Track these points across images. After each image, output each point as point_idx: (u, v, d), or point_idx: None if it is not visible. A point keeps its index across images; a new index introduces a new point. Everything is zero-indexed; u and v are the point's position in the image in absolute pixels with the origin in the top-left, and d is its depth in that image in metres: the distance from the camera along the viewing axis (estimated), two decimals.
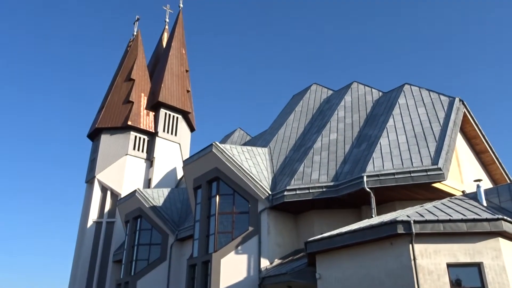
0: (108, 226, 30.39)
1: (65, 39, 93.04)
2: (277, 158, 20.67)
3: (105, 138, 32.93)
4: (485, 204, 13.12)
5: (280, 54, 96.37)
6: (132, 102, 33.83)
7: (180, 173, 33.30)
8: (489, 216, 11.43)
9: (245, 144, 28.74)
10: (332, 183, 16.65)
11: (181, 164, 32.89)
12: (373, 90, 22.28)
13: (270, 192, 17.83)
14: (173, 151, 34.03)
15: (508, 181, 18.88)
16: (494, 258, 10.96)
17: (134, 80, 35.18)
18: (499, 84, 77.29)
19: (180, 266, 22.32)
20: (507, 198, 13.31)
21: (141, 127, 33.09)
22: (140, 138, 33.25)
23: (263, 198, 17.78)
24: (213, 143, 19.16)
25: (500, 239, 11.21)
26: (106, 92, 36.40)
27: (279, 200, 17.30)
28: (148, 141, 33.59)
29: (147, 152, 33.16)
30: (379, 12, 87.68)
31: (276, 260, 17.05)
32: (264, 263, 16.83)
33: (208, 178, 19.52)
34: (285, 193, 17.11)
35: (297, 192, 17.01)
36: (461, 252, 11.05)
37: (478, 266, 10.94)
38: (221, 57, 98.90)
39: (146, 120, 33.78)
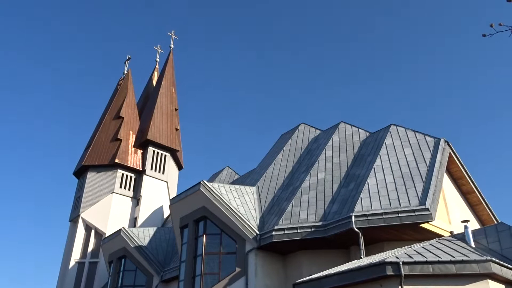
0: (91, 266, 29.48)
1: (55, 76, 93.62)
2: (265, 197, 20.56)
3: (91, 176, 32.54)
4: (473, 245, 13.11)
5: (269, 93, 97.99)
6: (120, 140, 33.74)
7: (166, 212, 32.82)
8: (478, 257, 11.40)
9: (233, 182, 28.60)
10: (320, 223, 16.53)
11: (168, 203, 32.46)
12: (360, 130, 22.61)
13: (258, 232, 17.61)
14: (160, 189, 33.69)
15: (495, 222, 18.94)
16: None
17: (123, 118, 35.26)
18: (485, 124, 79.17)
19: None
20: (495, 239, 13.33)
21: (129, 165, 32.85)
22: (127, 176, 32.94)
23: (251, 238, 17.53)
24: (201, 182, 19.04)
25: (489, 281, 11.12)
26: (94, 130, 36.33)
27: (267, 240, 17.07)
28: (135, 179, 33.27)
29: (133, 190, 32.76)
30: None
31: None
32: None
33: (195, 217, 19.26)
34: (273, 233, 16.91)
35: (285, 232, 16.82)
36: None
37: None
38: (211, 96, 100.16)
39: (133, 158, 33.60)
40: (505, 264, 11.57)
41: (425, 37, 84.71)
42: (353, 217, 15.46)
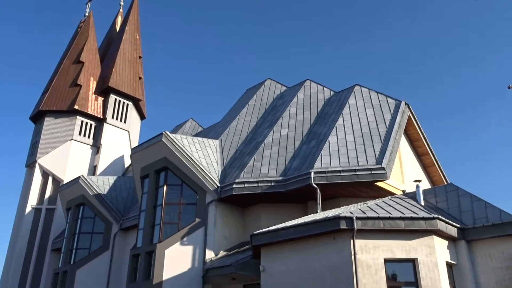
0: (48, 213, 29.08)
1: (10, 16, 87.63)
2: (228, 151, 20.66)
3: (49, 122, 31.43)
4: (423, 203, 13.82)
5: (237, 47, 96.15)
6: (80, 86, 32.50)
7: (127, 162, 32.46)
8: (426, 215, 12.06)
9: (196, 135, 28.47)
10: (280, 178, 16.88)
11: (129, 152, 32.04)
12: (325, 89, 22.78)
13: (219, 184, 17.81)
14: (122, 138, 33.10)
15: (445, 183, 19.97)
16: (428, 255, 11.58)
17: (83, 62, 33.79)
18: (442, 87, 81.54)
19: (122, 256, 21.80)
20: (443, 198, 14.09)
21: (89, 112, 31.88)
22: (87, 123, 32.03)
23: (212, 190, 17.73)
24: (163, 132, 18.83)
25: (435, 237, 11.86)
26: (52, 74, 34.69)
27: (228, 192, 17.33)
28: (95, 127, 32.42)
29: (93, 138, 32.01)
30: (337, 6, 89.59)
31: (221, 252, 17.09)
32: (209, 254, 16.82)
33: (156, 167, 19.18)
34: (234, 185, 17.16)
35: (246, 185, 17.11)
36: (398, 248, 11.59)
37: (413, 262, 11.52)
38: (176, 46, 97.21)
39: (94, 105, 32.58)
40: (450, 222, 12.33)
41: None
42: (312, 173, 15.88)
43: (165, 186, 18.57)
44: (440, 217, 11.96)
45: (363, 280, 11.11)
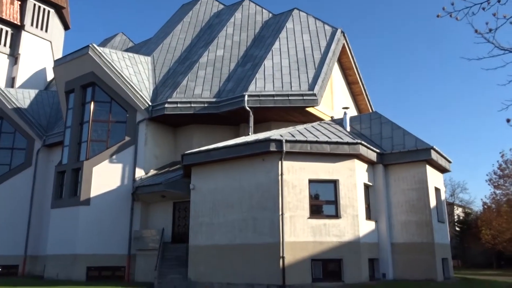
0: None
1: None
2: (160, 69, 19.91)
3: None
4: (348, 129, 14.57)
5: None
6: None
7: (50, 75, 30.19)
8: (350, 140, 12.79)
9: (126, 50, 26.89)
10: (214, 99, 16.76)
11: (52, 65, 29.75)
12: (263, 10, 22.19)
13: (150, 103, 17.33)
14: (43, 49, 30.43)
15: (371, 111, 21.04)
16: (348, 177, 12.45)
17: None
18: (379, 17, 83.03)
19: (47, 172, 21.05)
20: (367, 125, 14.93)
21: (3, 17, 28.60)
22: (2, 29, 28.89)
23: (143, 108, 17.25)
24: (90, 45, 17.57)
25: (356, 161, 12.71)
26: None
27: (159, 112, 16.97)
28: (12, 34, 29.35)
29: (10, 47, 29.12)
30: None
31: (152, 170, 17.10)
32: (140, 173, 16.77)
33: (83, 82, 18.10)
34: (166, 105, 16.81)
35: (179, 105, 16.83)
36: (322, 170, 12.31)
37: (335, 182, 12.37)
38: None
39: (10, 9, 29.21)
40: (371, 147, 13.20)
41: None
42: (246, 96, 15.91)
43: (92, 103, 17.71)
44: (362, 142, 12.74)
45: (288, 198, 11.80)
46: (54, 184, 18.00)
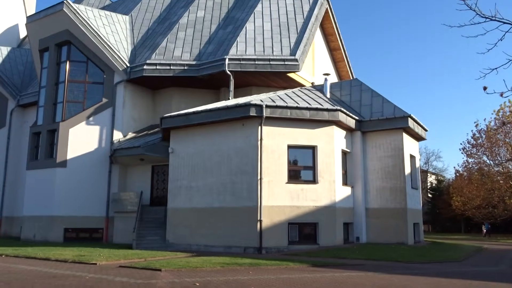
0: None
1: None
2: (139, 29, 19.32)
3: None
4: (328, 96, 14.60)
5: None
6: None
7: (23, 32, 28.98)
8: (329, 106, 12.84)
9: (103, 8, 25.88)
10: (194, 62, 16.45)
11: (25, 21, 28.50)
12: None
13: (128, 65, 16.91)
14: (14, 4, 29.03)
15: (351, 78, 21.06)
16: (327, 143, 12.58)
17: None
18: None
19: (21, 133, 20.55)
20: (347, 92, 14.98)
21: None
22: None
23: (121, 70, 16.83)
24: (64, 1, 16.83)
25: (335, 127, 12.82)
26: None
27: (138, 73, 16.60)
28: None
29: None
30: None
31: (130, 133, 16.90)
32: (118, 135, 16.56)
33: (57, 41, 17.45)
34: (145, 67, 16.43)
35: (158, 67, 16.47)
36: (301, 136, 12.39)
37: (313, 148, 12.50)
38: None
39: None
40: (350, 114, 13.31)
41: None
42: (226, 60, 15.65)
43: (68, 62, 17.16)
44: (342, 109, 12.82)
45: (266, 163, 11.88)
46: (29, 146, 17.65)
